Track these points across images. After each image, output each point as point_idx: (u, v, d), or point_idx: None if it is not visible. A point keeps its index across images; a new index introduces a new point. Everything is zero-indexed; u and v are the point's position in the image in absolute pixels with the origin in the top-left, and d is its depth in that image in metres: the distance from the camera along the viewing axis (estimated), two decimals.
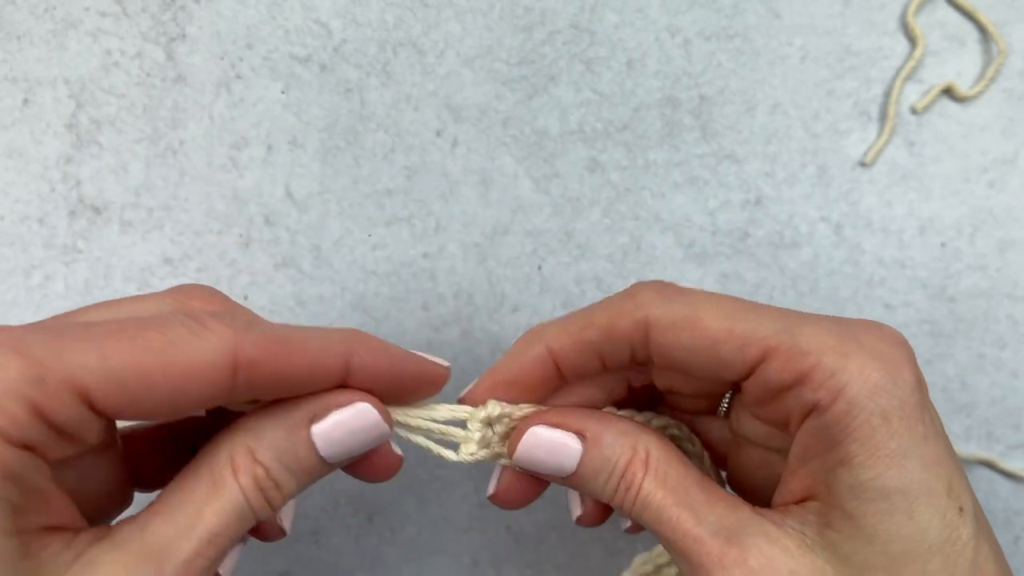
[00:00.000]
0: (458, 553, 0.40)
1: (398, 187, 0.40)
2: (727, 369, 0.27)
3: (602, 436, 0.28)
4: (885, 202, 0.40)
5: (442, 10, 0.41)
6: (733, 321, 0.26)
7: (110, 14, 0.41)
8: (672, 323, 0.27)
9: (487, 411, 0.29)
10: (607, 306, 0.28)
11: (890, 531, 0.24)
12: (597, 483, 0.28)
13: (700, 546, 0.25)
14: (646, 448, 0.27)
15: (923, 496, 0.24)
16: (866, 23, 0.41)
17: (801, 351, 0.25)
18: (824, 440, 0.25)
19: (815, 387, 0.25)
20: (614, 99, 0.41)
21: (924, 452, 0.25)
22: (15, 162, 0.40)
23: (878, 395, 0.25)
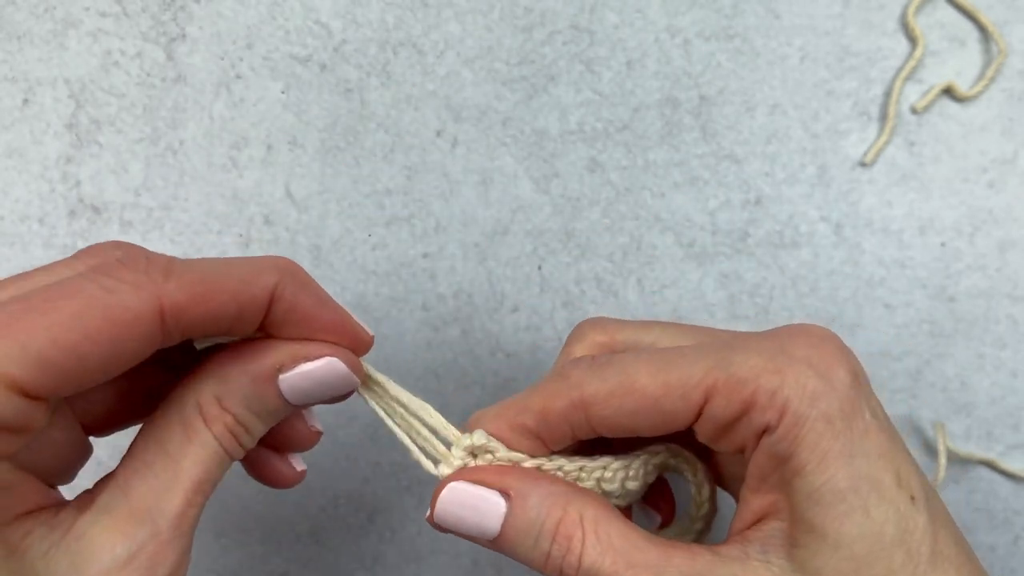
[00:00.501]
0: (458, 553, 0.40)
1: (398, 187, 0.40)
2: (674, 420, 0.27)
3: (528, 496, 0.26)
4: (885, 202, 0.40)
5: (442, 10, 0.41)
6: (666, 374, 0.26)
7: (110, 14, 0.41)
8: (609, 394, 0.27)
9: (472, 440, 0.28)
10: (541, 391, 0.28)
11: (851, 533, 0.24)
12: (526, 546, 0.26)
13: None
14: (579, 510, 0.26)
15: (874, 491, 0.25)
16: (866, 23, 0.41)
17: (739, 381, 0.25)
18: (777, 457, 0.25)
19: (762, 410, 0.25)
20: (614, 99, 0.41)
21: (867, 446, 0.25)
22: (15, 162, 0.40)
23: (818, 401, 0.25)
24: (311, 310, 0.26)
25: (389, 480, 0.40)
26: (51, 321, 0.21)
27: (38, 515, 0.23)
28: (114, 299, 0.22)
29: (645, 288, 0.40)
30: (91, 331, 0.21)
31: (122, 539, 0.23)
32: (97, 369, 0.22)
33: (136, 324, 0.22)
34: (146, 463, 0.25)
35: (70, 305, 0.21)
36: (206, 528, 0.39)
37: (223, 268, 0.24)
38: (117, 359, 0.22)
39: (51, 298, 0.22)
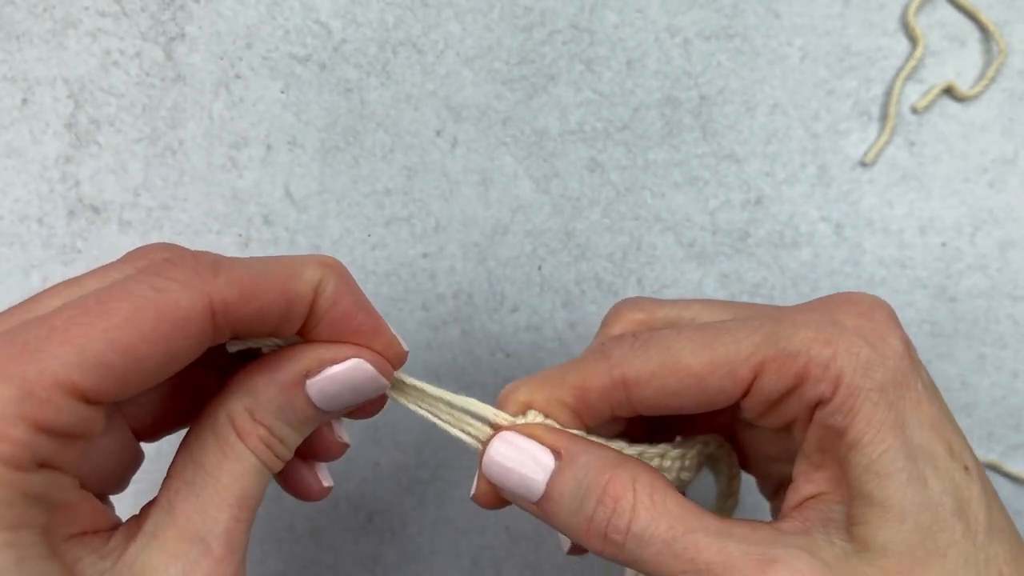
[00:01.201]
0: (458, 553, 0.40)
1: (398, 187, 0.40)
2: (720, 397, 0.26)
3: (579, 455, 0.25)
4: (885, 202, 0.40)
5: (442, 10, 0.41)
6: (712, 350, 0.25)
7: (109, 14, 0.41)
8: (652, 374, 0.26)
9: (526, 420, 0.27)
10: (580, 367, 0.27)
11: (916, 503, 0.23)
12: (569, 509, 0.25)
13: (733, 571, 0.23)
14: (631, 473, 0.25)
15: (930, 462, 0.24)
16: (866, 23, 0.41)
17: (790, 355, 0.25)
18: (833, 429, 0.24)
19: (815, 382, 0.25)
20: (614, 99, 0.41)
21: (920, 417, 0.25)
22: (14, 162, 0.40)
23: (871, 371, 0.24)
24: (350, 309, 0.26)
25: (389, 480, 0.40)
26: (107, 324, 0.21)
27: (89, 541, 0.23)
28: (166, 298, 0.22)
29: (645, 288, 0.40)
30: (146, 332, 0.21)
31: (174, 560, 0.23)
32: (153, 370, 0.22)
33: (189, 322, 0.22)
34: (186, 482, 0.24)
35: (124, 307, 0.21)
36: None
37: (270, 264, 0.24)
38: (172, 359, 0.22)
39: (104, 301, 0.22)
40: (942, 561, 0.23)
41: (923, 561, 0.23)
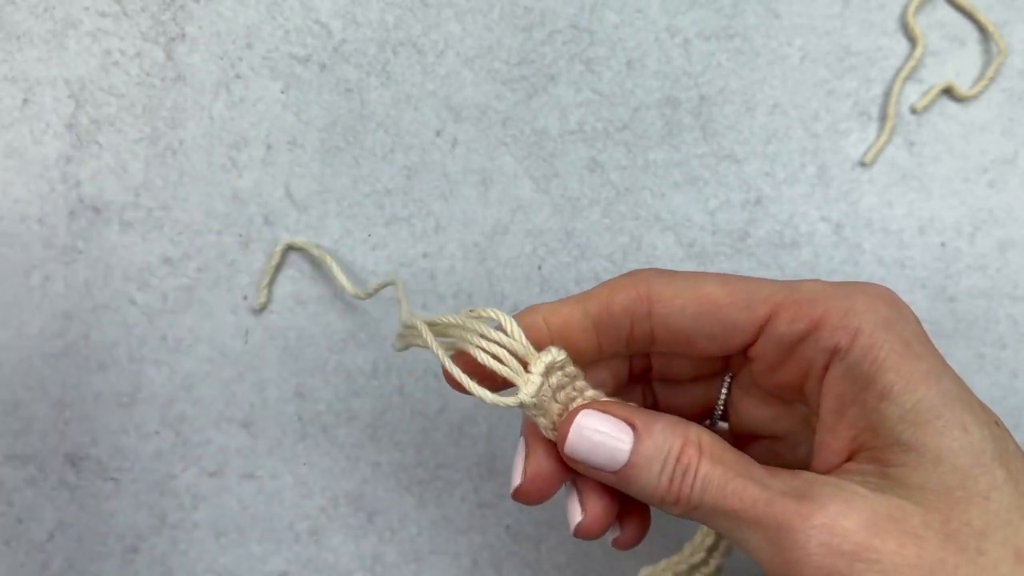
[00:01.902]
0: (458, 553, 0.40)
1: (398, 187, 0.40)
2: (734, 332, 0.27)
3: (653, 425, 0.27)
4: (885, 202, 0.40)
5: (442, 10, 0.41)
6: (734, 286, 0.27)
7: (110, 14, 0.41)
8: (675, 293, 0.27)
9: (552, 356, 0.27)
10: (607, 284, 0.28)
11: (953, 447, 0.24)
12: (652, 473, 0.26)
13: (774, 507, 0.24)
14: (697, 435, 0.27)
15: (968, 410, 0.24)
16: (866, 23, 0.41)
17: (808, 301, 0.26)
18: (857, 381, 0.25)
19: (832, 329, 0.25)
20: (614, 99, 0.41)
21: (951, 372, 0.25)
22: (15, 162, 0.40)
23: (892, 325, 0.25)
24: None
25: (389, 480, 0.40)
26: None
27: None
28: None
29: None
30: None
31: None
32: None
33: None
34: None
35: None
36: (206, 527, 0.39)
37: None
38: None
39: None
40: (985, 503, 0.24)
41: (964, 501, 0.24)
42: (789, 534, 0.24)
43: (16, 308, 0.39)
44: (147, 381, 0.39)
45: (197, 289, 0.40)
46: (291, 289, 0.40)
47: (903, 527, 0.23)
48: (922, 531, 0.23)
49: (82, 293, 0.40)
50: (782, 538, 0.24)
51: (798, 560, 0.24)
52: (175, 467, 0.39)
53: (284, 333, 0.40)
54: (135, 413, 0.39)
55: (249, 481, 0.39)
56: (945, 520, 0.23)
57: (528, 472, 0.28)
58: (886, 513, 0.24)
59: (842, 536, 0.23)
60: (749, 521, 0.25)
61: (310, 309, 0.40)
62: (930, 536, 0.23)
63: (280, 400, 0.39)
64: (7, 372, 0.39)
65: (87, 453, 0.39)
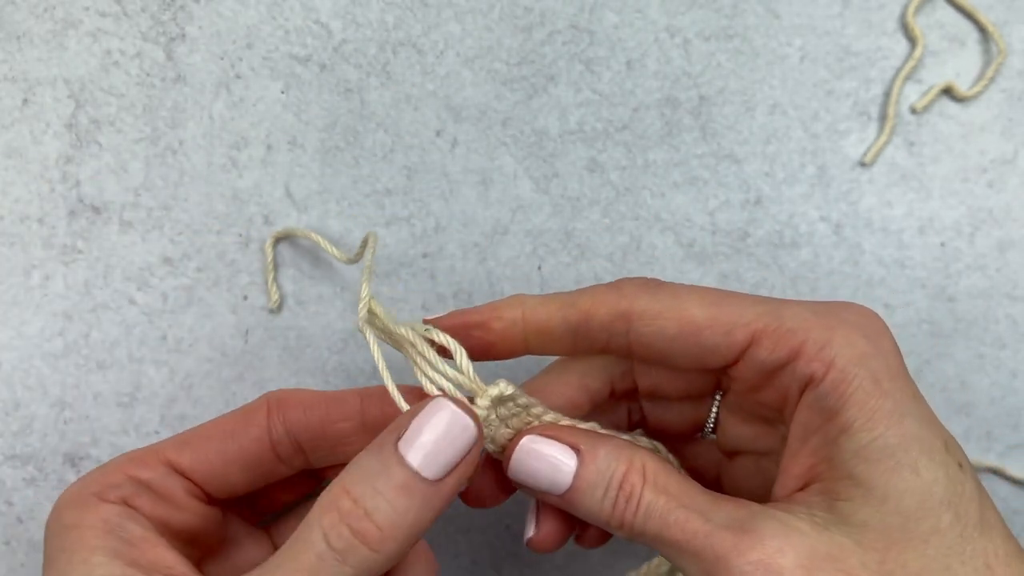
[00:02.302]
0: (458, 553, 0.40)
1: (398, 187, 0.40)
2: (713, 356, 0.27)
3: (596, 449, 0.27)
4: (885, 202, 0.40)
5: (442, 10, 0.41)
6: (717, 308, 0.27)
7: (110, 14, 0.41)
8: (657, 313, 0.27)
9: (499, 389, 0.28)
10: (591, 293, 0.28)
11: (899, 488, 0.24)
12: (595, 498, 0.27)
13: (712, 539, 0.25)
14: (642, 461, 0.27)
15: (924, 452, 0.25)
16: (865, 23, 0.41)
17: (788, 330, 0.26)
18: (823, 412, 0.25)
19: (808, 360, 0.26)
20: (614, 99, 0.41)
21: (918, 411, 0.25)
22: (15, 162, 0.40)
23: (866, 361, 0.25)
24: None
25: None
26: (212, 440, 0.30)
27: None
28: None
29: None
30: None
31: None
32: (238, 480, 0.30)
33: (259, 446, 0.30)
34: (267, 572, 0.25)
35: None
36: None
37: None
38: None
39: None
40: (923, 547, 0.24)
41: (901, 543, 0.24)
42: (726, 568, 0.24)
43: (16, 308, 0.39)
44: (147, 381, 0.39)
45: (197, 289, 0.40)
46: (291, 289, 0.40)
47: (839, 566, 0.24)
48: (858, 571, 0.24)
49: (82, 293, 0.40)
50: (719, 571, 0.24)
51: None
52: None
53: (284, 333, 0.40)
54: (135, 413, 0.39)
55: None
56: (881, 561, 0.24)
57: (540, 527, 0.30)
58: (825, 552, 0.24)
59: (777, 573, 0.24)
60: (689, 552, 0.25)
61: (310, 309, 0.40)
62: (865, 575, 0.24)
63: None
64: (7, 372, 0.39)
65: (87, 453, 0.39)
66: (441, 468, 0.25)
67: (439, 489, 0.25)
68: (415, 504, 0.24)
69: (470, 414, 0.26)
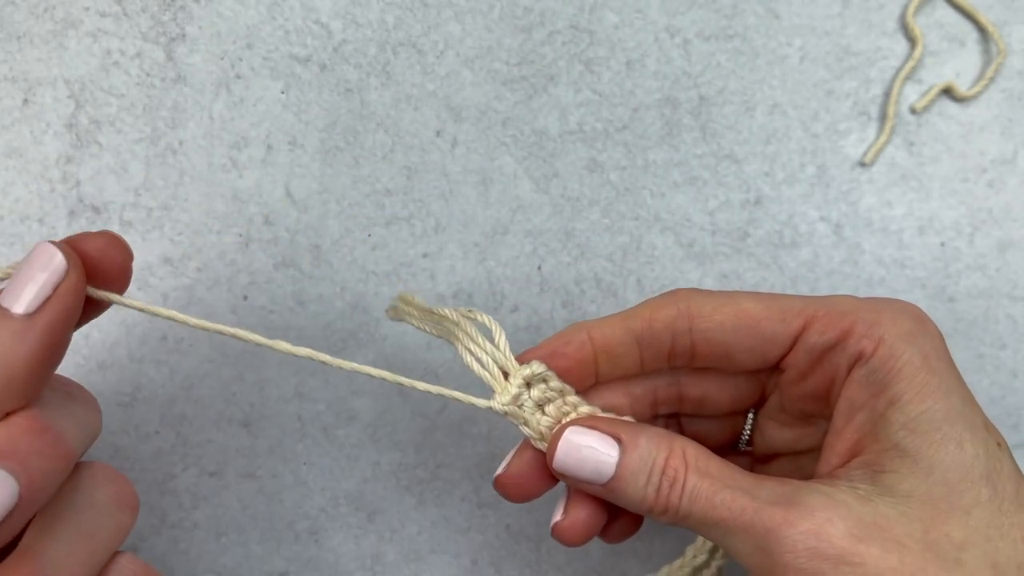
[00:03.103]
0: (458, 553, 0.40)
1: (398, 187, 0.40)
2: (772, 344, 0.28)
3: (638, 438, 0.28)
4: (884, 202, 0.40)
5: (442, 10, 0.41)
6: (769, 300, 0.29)
7: (110, 14, 0.41)
8: (715, 308, 0.29)
9: (531, 369, 0.29)
10: (647, 303, 0.30)
11: (946, 460, 0.25)
12: (638, 486, 0.27)
13: (761, 514, 0.25)
14: (682, 447, 0.28)
15: (968, 429, 0.26)
16: (865, 23, 0.41)
17: (839, 313, 0.28)
18: (871, 386, 0.26)
19: (858, 338, 0.27)
20: (614, 99, 0.41)
21: (962, 390, 0.27)
22: (15, 162, 0.40)
23: (914, 339, 0.27)
24: None
25: (389, 480, 0.40)
26: None
27: None
28: None
29: (645, 288, 0.40)
30: None
31: None
32: None
33: None
34: None
35: None
36: (206, 527, 0.39)
37: None
38: None
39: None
40: (965, 518, 0.25)
41: (945, 513, 0.25)
42: (777, 540, 0.25)
43: None
44: (147, 381, 0.39)
45: (197, 289, 0.40)
46: (291, 289, 0.40)
47: (886, 535, 0.24)
48: (904, 539, 0.24)
49: None
50: (770, 543, 0.25)
51: (786, 564, 0.25)
52: (175, 467, 0.39)
53: (284, 333, 0.40)
54: (135, 413, 0.39)
55: (249, 481, 0.39)
56: (926, 530, 0.25)
57: (510, 468, 0.30)
58: (871, 522, 0.25)
59: (828, 541, 0.24)
60: (738, 529, 0.26)
61: (310, 309, 0.40)
62: (911, 545, 0.24)
63: (280, 400, 0.39)
64: None
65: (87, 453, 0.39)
66: (26, 301, 0.24)
67: (32, 322, 0.24)
68: (1, 337, 0.24)
69: (62, 249, 0.25)
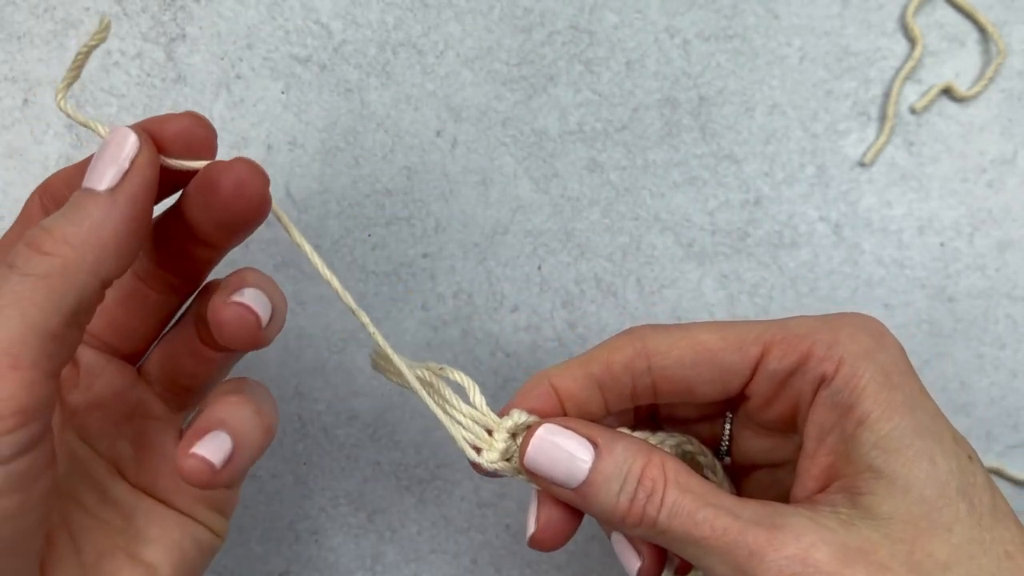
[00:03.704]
0: (458, 553, 0.40)
1: (398, 187, 0.40)
2: (731, 375, 0.28)
3: (615, 444, 0.27)
4: (884, 202, 0.40)
5: (442, 11, 0.41)
6: (725, 330, 0.28)
7: (110, 14, 0.41)
8: (671, 344, 0.28)
9: (513, 420, 0.29)
10: (605, 344, 0.29)
11: (920, 477, 0.25)
12: (611, 493, 0.27)
13: (745, 535, 0.25)
14: (661, 459, 0.27)
15: (937, 443, 0.25)
16: (865, 23, 0.41)
17: (796, 336, 0.27)
18: (837, 408, 0.26)
19: (818, 360, 0.26)
20: (613, 99, 0.41)
21: (927, 404, 0.26)
22: (15, 162, 0.40)
23: (873, 355, 0.26)
24: None
25: (389, 480, 0.40)
26: None
27: None
28: None
29: (644, 288, 0.40)
30: None
31: None
32: None
33: None
34: None
35: None
36: None
37: None
38: None
39: None
40: (947, 535, 0.24)
41: (927, 532, 0.24)
42: (761, 562, 0.24)
43: None
44: None
45: None
46: (291, 289, 0.40)
47: (871, 559, 0.24)
48: (888, 562, 0.24)
49: None
50: (753, 566, 0.24)
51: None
52: None
53: (284, 333, 0.40)
54: None
55: (249, 481, 0.39)
56: (910, 552, 0.24)
57: (541, 522, 0.29)
58: (855, 546, 0.24)
59: (814, 567, 0.24)
60: (719, 549, 0.25)
61: (310, 309, 0.40)
62: (896, 567, 0.24)
63: (280, 400, 0.40)
64: None
65: None
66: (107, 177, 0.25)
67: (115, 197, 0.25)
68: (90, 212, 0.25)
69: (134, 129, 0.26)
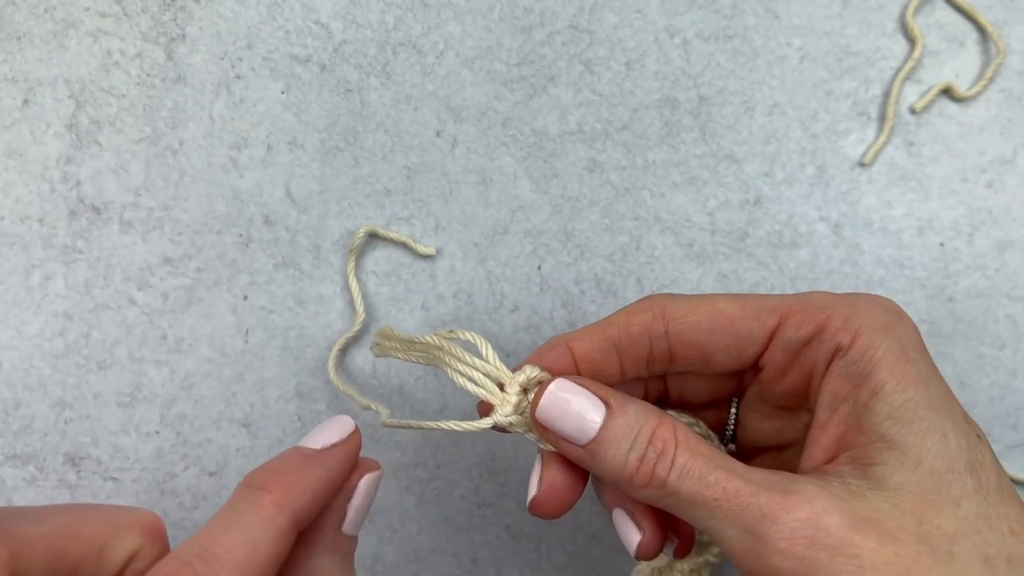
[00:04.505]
0: (458, 553, 0.40)
1: (398, 187, 0.40)
2: (748, 342, 0.28)
3: (627, 405, 0.27)
4: (884, 202, 0.40)
5: (442, 11, 0.41)
6: (743, 300, 0.28)
7: (110, 14, 0.41)
8: (690, 310, 0.28)
9: (525, 374, 0.28)
10: (624, 309, 0.29)
11: (932, 450, 0.25)
12: (620, 451, 0.26)
13: (758, 497, 0.25)
14: (672, 422, 0.27)
15: (949, 419, 0.25)
16: (864, 24, 0.41)
17: (814, 307, 0.27)
18: (852, 378, 0.26)
19: (835, 331, 0.27)
20: (613, 99, 0.41)
21: (939, 381, 0.26)
22: (15, 162, 0.40)
23: (890, 329, 0.26)
24: None
25: (389, 480, 0.40)
26: None
27: None
28: None
29: (644, 288, 0.40)
30: None
31: None
32: None
33: None
34: None
35: None
36: None
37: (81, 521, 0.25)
38: None
39: None
40: (955, 509, 0.25)
41: (936, 504, 0.25)
42: (773, 524, 0.24)
43: (16, 308, 0.40)
44: (147, 381, 0.39)
45: (197, 289, 0.40)
46: (291, 289, 0.40)
47: (880, 528, 0.24)
48: (898, 532, 0.24)
49: (82, 293, 0.40)
50: (765, 528, 0.24)
51: (781, 550, 0.24)
52: (175, 467, 0.39)
53: (284, 333, 0.40)
54: (135, 413, 0.39)
55: None
56: (918, 523, 0.24)
57: (543, 484, 0.29)
58: (865, 515, 0.24)
59: (826, 530, 0.24)
60: (728, 511, 0.25)
61: (310, 309, 0.40)
62: (905, 538, 0.24)
63: (280, 400, 0.40)
64: (7, 372, 0.39)
65: (87, 453, 0.39)
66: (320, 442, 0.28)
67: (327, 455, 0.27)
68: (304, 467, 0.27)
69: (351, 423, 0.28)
